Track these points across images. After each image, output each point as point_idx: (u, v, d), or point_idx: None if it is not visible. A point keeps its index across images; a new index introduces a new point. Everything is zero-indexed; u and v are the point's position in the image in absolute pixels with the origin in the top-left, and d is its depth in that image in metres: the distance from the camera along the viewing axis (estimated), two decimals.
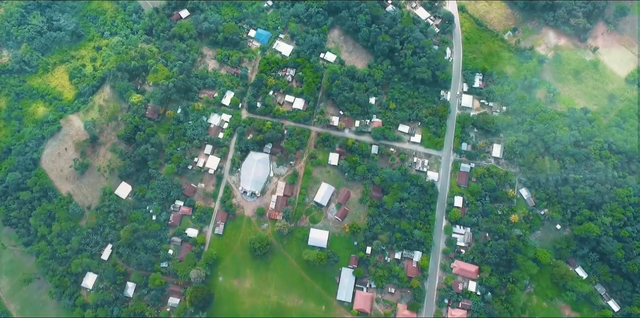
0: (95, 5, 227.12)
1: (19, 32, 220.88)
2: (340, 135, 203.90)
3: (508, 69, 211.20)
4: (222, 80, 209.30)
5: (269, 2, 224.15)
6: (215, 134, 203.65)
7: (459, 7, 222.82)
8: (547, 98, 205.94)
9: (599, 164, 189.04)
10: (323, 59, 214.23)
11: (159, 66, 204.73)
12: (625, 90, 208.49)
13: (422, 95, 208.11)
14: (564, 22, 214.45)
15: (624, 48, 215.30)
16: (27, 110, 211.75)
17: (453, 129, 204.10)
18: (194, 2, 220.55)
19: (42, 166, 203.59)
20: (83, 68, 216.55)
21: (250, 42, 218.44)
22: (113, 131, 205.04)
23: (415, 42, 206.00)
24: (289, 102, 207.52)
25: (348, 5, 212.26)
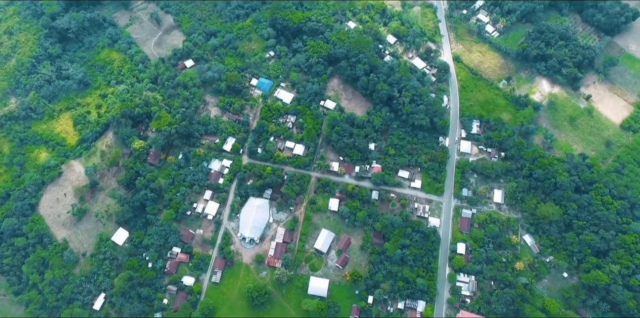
0: (104, 56, 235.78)
1: (28, 80, 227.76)
2: (340, 180, 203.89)
3: (504, 116, 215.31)
4: (224, 127, 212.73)
5: (271, 52, 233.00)
6: (215, 179, 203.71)
7: (454, 57, 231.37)
8: (544, 144, 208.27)
9: (601, 210, 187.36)
10: (323, 107, 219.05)
11: (162, 113, 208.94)
12: (621, 137, 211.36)
13: (421, 141, 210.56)
14: (556, 71, 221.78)
15: (616, 96, 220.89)
16: (29, 155, 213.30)
17: (453, 175, 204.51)
18: (199, 53, 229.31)
19: (39, 212, 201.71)
20: (88, 115, 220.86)
21: (252, 90, 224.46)
22: (113, 176, 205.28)
23: (413, 90, 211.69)
24: (289, 148, 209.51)
25: (347, 56, 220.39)
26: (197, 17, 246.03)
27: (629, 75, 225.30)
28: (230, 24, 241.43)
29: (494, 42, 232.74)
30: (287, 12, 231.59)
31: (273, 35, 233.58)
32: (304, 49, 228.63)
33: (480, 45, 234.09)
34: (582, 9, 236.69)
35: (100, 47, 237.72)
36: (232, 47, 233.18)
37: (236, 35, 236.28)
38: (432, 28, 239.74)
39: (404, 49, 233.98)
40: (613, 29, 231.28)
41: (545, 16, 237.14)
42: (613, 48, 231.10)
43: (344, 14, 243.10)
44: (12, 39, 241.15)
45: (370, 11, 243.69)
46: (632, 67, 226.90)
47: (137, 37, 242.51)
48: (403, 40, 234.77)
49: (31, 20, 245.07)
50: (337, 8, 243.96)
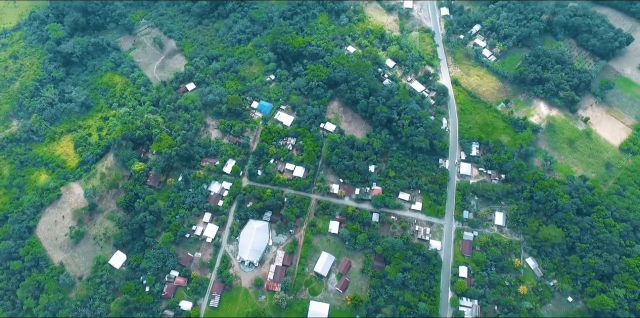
0: (107, 79, 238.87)
1: (31, 103, 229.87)
2: (341, 203, 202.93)
3: (504, 138, 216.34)
4: (224, 149, 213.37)
5: (272, 76, 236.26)
6: (215, 201, 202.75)
7: (453, 80, 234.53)
8: (544, 166, 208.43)
9: (604, 233, 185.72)
10: (323, 129, 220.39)
11: (163, 135, 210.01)
12: (621, 159, 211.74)
13: (421, 164, 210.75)
14: (554, 94, 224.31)
15: (614, 119, 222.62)
16: (29, 177, 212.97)
17: (453, 197, 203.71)
18: (201, 76, 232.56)
19: (36, 234, 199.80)
20: (89, 137, 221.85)
21: (252, 113, 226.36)
22: (112, 199, 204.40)
23: (412, 113, 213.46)
24: (289, 170, 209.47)
25: (347, 79, 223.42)
26: (199, 41, 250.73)
27: (625, 98, 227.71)
28: (231, 49, 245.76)
29: (491, 66, 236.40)
30: (288, 37, 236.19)
31: (274, 59, 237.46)
32: (304, 72, 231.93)
33: (477, 68, 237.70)
34: (577, 34, 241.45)
35: (103, 71, 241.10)
36: (234, 70, 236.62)
37: (237, 59, 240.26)
38: (430, 52, 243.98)
39: (403, 73, 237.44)
40: (608, 53, 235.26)
41: (540, 41, 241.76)
42: (609, 71, 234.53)
43: (343, 38, 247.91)
44: (17, 62, 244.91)
45: (369, 36, 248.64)
46: (628, 90, 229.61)
47: (140, 61, 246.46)
48: (402, 64, 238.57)
49: (36, 44, 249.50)
50: (336, 33, 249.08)
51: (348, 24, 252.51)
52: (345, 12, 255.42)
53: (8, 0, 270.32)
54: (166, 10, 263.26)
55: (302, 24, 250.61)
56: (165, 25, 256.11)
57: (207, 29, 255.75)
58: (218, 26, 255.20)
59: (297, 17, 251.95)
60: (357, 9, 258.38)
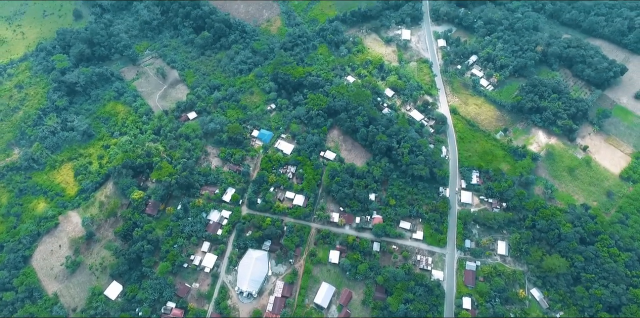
0: (109, 108, 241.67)
1: (33, 132, 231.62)
2: (341, 231, 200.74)
3: (503, 166, 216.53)
4: (224, 177, 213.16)
5: (272, 105, 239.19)
6: (214, 230, 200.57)
7: (451, 109, 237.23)
8: (545, 194, 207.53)
9: (609, 263, 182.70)
10: (323, 157, 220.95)
11: (163, 164, 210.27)
12: (621, 187, 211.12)
13: (422, 192, 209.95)
14: (552, 123, 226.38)
15: (612, 147, 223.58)
16: (27, 206, 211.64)
17: (455, 226, 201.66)
18: (202, 105, 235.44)
19: (32, 264, 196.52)
20: (89, 165, 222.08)
21: (253, 141, 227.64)
22: (110, 227, 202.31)
23: (412, 141, 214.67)
24: (289, 199, 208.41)
25: (346, 108, 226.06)
26: (201, 71, 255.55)
27: (622, 126, 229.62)
28: (233, 78, 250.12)
29: (489, 95, 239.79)
30: (289, 67, 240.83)
31: (274, 89, 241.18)
32: (304, 101, 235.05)
33: (475, 98, 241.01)
34: (572, 64, 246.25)
35: (106, 100, 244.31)
36: (235, 100, 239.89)
37: (239, 88, 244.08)
38: (428, 82, 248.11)
39: (402, 102, 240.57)
40: (603, 83, 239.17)
41: (536, 71, 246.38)
42: (605, 100, 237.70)
43: (343, 69, 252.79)
44: (22, 92, 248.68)
45: (368, 66, 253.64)
46: (625, 119, 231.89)
47: (143, 90, 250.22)
48: (401, 93, 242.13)
49: (42, 75, 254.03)
50: (336, 63, 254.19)
51: (347, 54, 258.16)
52: (344, 44, 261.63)
53: (17, 32, 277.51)
54: (170, 42, 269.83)
55: (302, 55, 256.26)
56: (168, 56, 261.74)
57: (210, 59, 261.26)
58: (220, 57, 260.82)
59: (298, 48, 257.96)
60: (356, 41, 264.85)
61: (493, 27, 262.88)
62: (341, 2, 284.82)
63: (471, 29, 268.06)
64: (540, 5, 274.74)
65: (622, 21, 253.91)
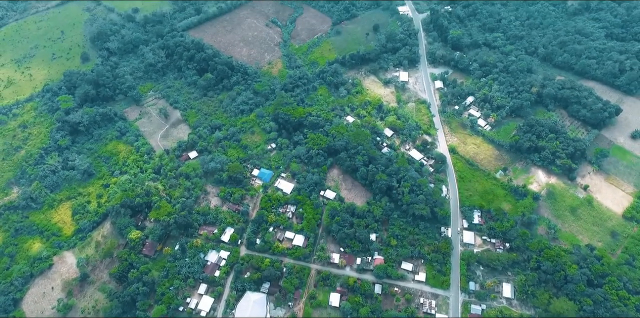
0: (111, 147, 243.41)
1: (33, 170, 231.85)
2: (342, 273, 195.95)
3: (505, 206, 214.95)
4: (223, 217, 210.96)
5: (273, 145, 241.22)
6: (211, 272, 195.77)
7: (450, 149, 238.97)
8: (548, 234, 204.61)
9: (619, 306, 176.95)
10: (323, 196, 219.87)
11: (162, 203, 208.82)
12: (626, 227, 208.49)
13: (423, 232, 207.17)
14: (551, 162, 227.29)
15: (613, 186, 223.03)
16: (22, 246, 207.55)
17: (458, 267, 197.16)
18: (203, 145, 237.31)
19: (22, 307, 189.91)
20: (88, 204, 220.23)
21: (253, 181, 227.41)
22: (106, 269, 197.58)
23: (412, 181, 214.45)
24: (288, 239, 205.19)
25: (346, 148, 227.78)
26: (203, 112, 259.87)
27: (622, 166, 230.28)
28: (234, 118, 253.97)
29: (487, 135, 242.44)
30: (289, 108, 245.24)
31: (275, 129, 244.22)
32: (304, 141, 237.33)
33: (474, 137, 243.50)
34: (567, 105, 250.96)
35: (108, 139, 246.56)
36: (236, 139, 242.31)
37: (240, 128, 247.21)
38: (426, 122, 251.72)
39: (401, 141, 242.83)
40: (599, 123, 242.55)
41: (533, 111, 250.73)
42: (602, 140, 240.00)
43: (342, 109, 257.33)
44: (25, 131, 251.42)
45: (367, 107, 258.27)
46: (624, 158, 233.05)
47: (145, 130, 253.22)
48: (400, 133, 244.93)
49: (46, 114, 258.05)
50: (336, 104, 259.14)
51: (347, 95, 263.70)
52: (344, 85, 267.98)
53: (25, 74, 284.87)
54: (173, 83, 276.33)
55: (302, 96, 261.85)
56: (171, 97, 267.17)
57: (212, 100, 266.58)
58: (222, 98, 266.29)
59: (298, 89, 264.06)
60: (355, 82, 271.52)
61: (488, 69, 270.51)
62: (340, 46, 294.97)
63: (467, 71, 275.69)
64: (533, 49, 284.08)
65: (613, 64, 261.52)
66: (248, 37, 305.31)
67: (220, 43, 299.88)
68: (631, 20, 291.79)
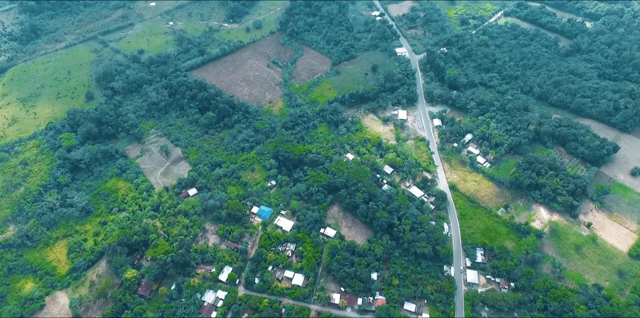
0: (111, 184, 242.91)
1: (31, 208, 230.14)
2: (342, 314, 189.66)
3: (508, 244, 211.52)
4: (221, 255, 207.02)
5: (273, 182, 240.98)
6: (208, 313, 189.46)
7: (450, 186, 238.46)
8: (554, 273, 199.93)
9: None
10: (323, 234, 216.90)
11: (160, 241, 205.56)
12: (632, 266, 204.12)
13: (425, 271, 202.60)
14: (552, 199, 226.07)
15: (616, 224, 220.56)
16: (14, 286, 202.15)
17: (462, 308, 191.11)
18: (203, 182, 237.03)
19: None
20: (84, 242, 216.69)
21: (252, 218, 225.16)
22: (99, 310, 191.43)
23: (413, 218, 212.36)
24: (288, 278, 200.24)
25: (346, 185, 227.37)
26: (204, 149, 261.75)
27: (624, 203, 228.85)
28: (235, 156, 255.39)
29: (486, 172, 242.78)
30: (289, 145, 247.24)
31: (275, 166, 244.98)
32: (304, 178, 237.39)
33: (474, 174, 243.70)
34: (565, 142, 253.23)
35: (108, 177, 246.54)
36: (236, 176, 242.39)
37: (240, 165, 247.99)
38: (426, 159, 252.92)
39: (401, 179, 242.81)
40: (597, 160, 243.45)
41: (531, 148, 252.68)
42: (602, 177, 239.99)
43: (342, 147, 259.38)
44: (26, 168, 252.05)
45: (367, 144, 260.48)
46: (625, 195, 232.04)
47: (146, 167, 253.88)
48: (399, 170, 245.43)
49: (48, 152, 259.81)
50: (335, 142, 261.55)
51: (346, 133, 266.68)
52: (343, 123, 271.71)
53: (30, 112, 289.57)
54: (175, 121, 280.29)
55: (303, 134, 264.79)
56: (173, 135, 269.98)
57: (213, 138, 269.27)
58: (223, 135, 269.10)
59: (299, 127, 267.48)
60: (354, 121, 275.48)
61: (485, 107, 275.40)
62: (340, 85, 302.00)
63: (464, 110, 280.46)
64: (528, 88, 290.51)
65: (607, 103, 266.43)
66: (250, 77, 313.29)
67: (223, 83, 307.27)
68: (621, 61, 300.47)
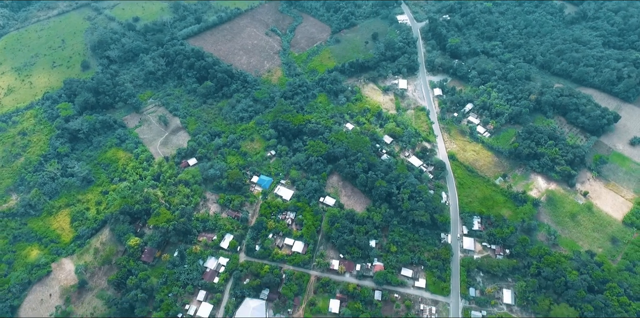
0: (110, 154, 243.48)
1: (32, 178, 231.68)
2: (341, 279, 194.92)
3: (505, 212, 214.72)
4: (222, 224, 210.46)
5: (272, 152, 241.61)
6: (210, 278, 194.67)
7: (449, 155, 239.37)
8: (548, 240, 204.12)
9: (620, 312, 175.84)
10: (322, 203, 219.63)
11: (161, 210, 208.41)
12: (625, 233, 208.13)
13: (423, 238, 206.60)
14: (550, 169, 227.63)
15: (613, 192, 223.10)
16: (20, 253, 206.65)
17: (458, 273, 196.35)
18: (203, 152, 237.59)
19: (19, 315, 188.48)
20: (86, 211, 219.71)
21: (252, 187, 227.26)
22: (104, 275, 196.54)
23: (411, 187, 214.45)
24: (288, 245, 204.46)
25: (346, 155, 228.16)
26: (203, 119, 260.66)
27: (621, 172, 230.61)
28: (234, 126, 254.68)
29: (486, 142, 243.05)
30: (289, 115, 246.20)
31: (274, 136, 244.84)
32: (304, 148, 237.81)
33: (473, 144, 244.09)
34: (566, 112, 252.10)
35: (107, 147, 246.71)
36: (235, 146, 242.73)
37: (239, 135, 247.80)
38: (426, 129, 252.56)
39: (400, 148, 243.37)
40: (597, 129, 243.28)
41: (531, 118, 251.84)
42: (601, 147, 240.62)
43: (342, 116, 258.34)
44: (25, 139, 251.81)
45: (366, 114, 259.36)
46: (623, 164, 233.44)
47: (145, 137, 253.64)
48: (399, 140, 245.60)
49: (46, 122, 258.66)
50: (335, 111, 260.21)
51: (346, 103, 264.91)
52: (343, 93, 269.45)
53: (25, 82, 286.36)
54: (173, 91, 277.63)
55: (302, 103, 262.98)
56: (171, 104, 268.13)
57: (211, 107, 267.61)
58: (222, 105, 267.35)
59: (298, 97, 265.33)
60: (354, 90, 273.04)
61: (487, 77, 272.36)
62: (339, 54, 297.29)
63: (466, 79, 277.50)
64: (531, 57, 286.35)
65: (610, 71, 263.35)
66: (248, 45, 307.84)
67: (220, 51, 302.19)
68: (628, 28, 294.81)
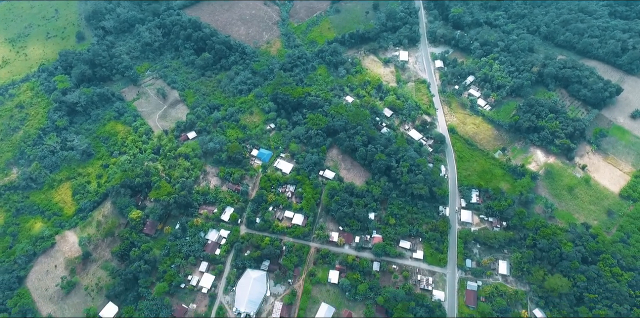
0: (109, 128, 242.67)
1: (32, 151, 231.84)
2: (340, 251, 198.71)
3: (503, 185, 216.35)
4: (223, 197, 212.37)
5: (272, 125, 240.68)
6: (212, 250, 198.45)
7: (449, 129, 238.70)
8: (545, 213, 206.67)
9: (612, 282, 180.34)
10: (322, 176, 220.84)
11: (162, 183, 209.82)
12: (622, 206, 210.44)
13: (421, 211, 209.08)
14: (549, 142, 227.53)
15: (611, 166, 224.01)
16: (24, 225, 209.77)
17: (455, 245, 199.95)
18: (202, 125, 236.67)
19: (26, 285, 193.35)
20: (88, 184, 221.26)
21: (252, 161, 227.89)
22: (107, 247, 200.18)
23: (411, 161, 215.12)
24: (288, 218, 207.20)
25: (345, 128, 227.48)
26: (201, 92, 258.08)
27: (620, 145, 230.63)
28: (233, 99, 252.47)
29: (486, 115, 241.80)
30: (288, 88, 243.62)
31: (274, 109, 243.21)
32: (303, 121, 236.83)
33: (473, 117, 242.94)
34: (568, 84, 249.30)
35: (106, 120, 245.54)
36: (234, 119, 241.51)
37: (238, 108, 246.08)
38: (426, 102, 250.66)
39: (400, 121, 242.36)
40: (599, 102, 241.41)
41: (533, 91, 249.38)
42: (602, 120, 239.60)
43: (341, 89, 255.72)
44: (23, 112, 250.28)
45: (366, 87, 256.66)
46: (623, 138, 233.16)
47: (143, 110, 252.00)
48: (399, 113, 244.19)
49: (43, 95, 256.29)
50: (335, 84, 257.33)
51: (346, 75, 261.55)
52: (343, 65, 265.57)
53: (20, 53, 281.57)
54: (171, 63, 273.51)
55: (301, 76, 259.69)
56: (169, 77, 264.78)
57: (210, 80, 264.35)
58: (220, 77, 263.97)
59: (297, 69, 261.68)
60: (354, 62, 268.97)
61: (489, 48, 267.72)
62: (340, 25, 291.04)
63: (467, 51, 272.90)
64: (535, 28, 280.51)
65: (615, 43, 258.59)
66: (246, 15, 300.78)
67: (218, 22, 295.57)
68: None
